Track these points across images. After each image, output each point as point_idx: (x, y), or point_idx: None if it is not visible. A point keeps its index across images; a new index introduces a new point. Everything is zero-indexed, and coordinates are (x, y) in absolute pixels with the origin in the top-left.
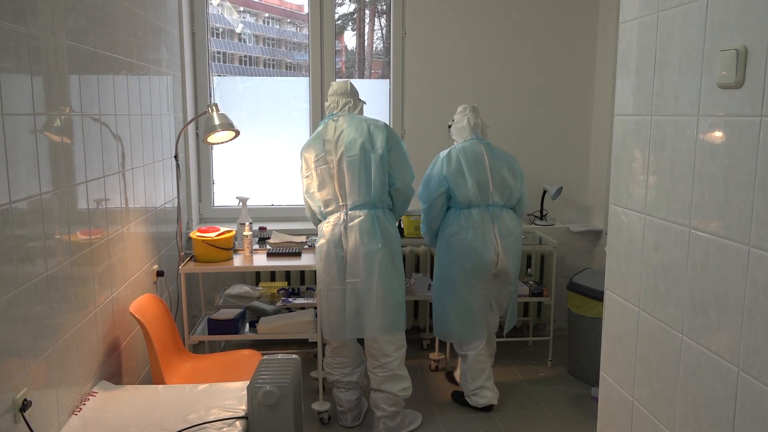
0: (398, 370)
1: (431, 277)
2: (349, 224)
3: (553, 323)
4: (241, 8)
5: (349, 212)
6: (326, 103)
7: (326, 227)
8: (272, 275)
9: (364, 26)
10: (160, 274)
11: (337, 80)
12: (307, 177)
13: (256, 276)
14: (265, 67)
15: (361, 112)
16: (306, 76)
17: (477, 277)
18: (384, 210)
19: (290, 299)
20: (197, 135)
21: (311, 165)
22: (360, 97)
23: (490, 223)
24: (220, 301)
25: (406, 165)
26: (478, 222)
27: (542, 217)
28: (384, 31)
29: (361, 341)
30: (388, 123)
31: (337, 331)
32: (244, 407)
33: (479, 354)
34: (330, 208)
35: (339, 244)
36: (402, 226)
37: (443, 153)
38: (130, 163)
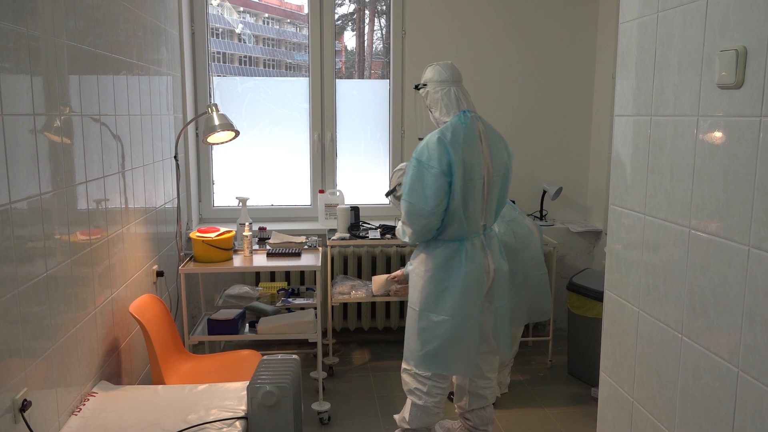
0: None
1: None
2: (491, 245)
3: (553, 323)
4: (241, 8)
5: (488, 232)
6: (439, 90)
7: (470, 248)
8: (272, 275)
9: (364, 26)
10: (159, 274)
11: (444, 63)
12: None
13: (256, 276)
14: (264, 67)
15: None
16: (306, 77)
17: None
18: None
19: (290, 299)
20: (197, 135)
21: (460, 173)
22: None
23: None
24: (219, 302)
25: None
26: None
27: (542, 217)
28: (384, 32)
29: None
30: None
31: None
32: (243, 407)
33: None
34: (469, 227)
35: (483, 268)
36: None
37: None
38: (129, 164)
